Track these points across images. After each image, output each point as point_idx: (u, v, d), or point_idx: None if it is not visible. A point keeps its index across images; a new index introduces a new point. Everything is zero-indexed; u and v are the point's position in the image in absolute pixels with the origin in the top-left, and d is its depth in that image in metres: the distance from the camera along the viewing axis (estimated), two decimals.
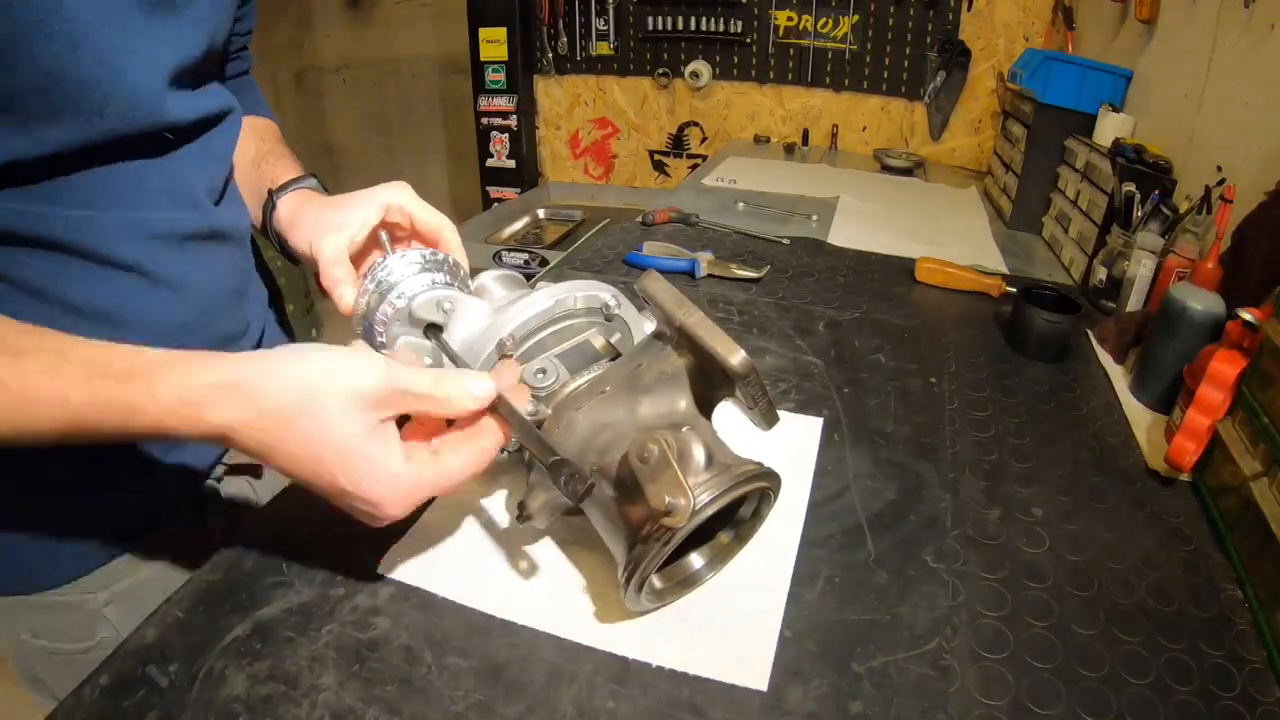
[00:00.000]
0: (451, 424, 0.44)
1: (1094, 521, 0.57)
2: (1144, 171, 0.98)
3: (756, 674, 0.43)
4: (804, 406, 0.70)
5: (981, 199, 1.56)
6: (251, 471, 0.65)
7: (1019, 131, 1.38)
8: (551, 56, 2.30)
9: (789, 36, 2.05)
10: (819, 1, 1.98)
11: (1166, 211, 0.91)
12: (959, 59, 1.91)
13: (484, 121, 2.38)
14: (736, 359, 0.43)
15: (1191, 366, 0.64)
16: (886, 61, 1.99)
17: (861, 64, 2.02)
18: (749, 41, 2.09)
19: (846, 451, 0.64)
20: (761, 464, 0.44)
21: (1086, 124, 1.23)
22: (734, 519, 0.49)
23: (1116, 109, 1.22)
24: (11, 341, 0.36)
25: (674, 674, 0.43)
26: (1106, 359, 0.83)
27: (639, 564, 0.41)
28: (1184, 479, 0.62)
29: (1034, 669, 0.44)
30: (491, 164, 2.43)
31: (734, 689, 0.42)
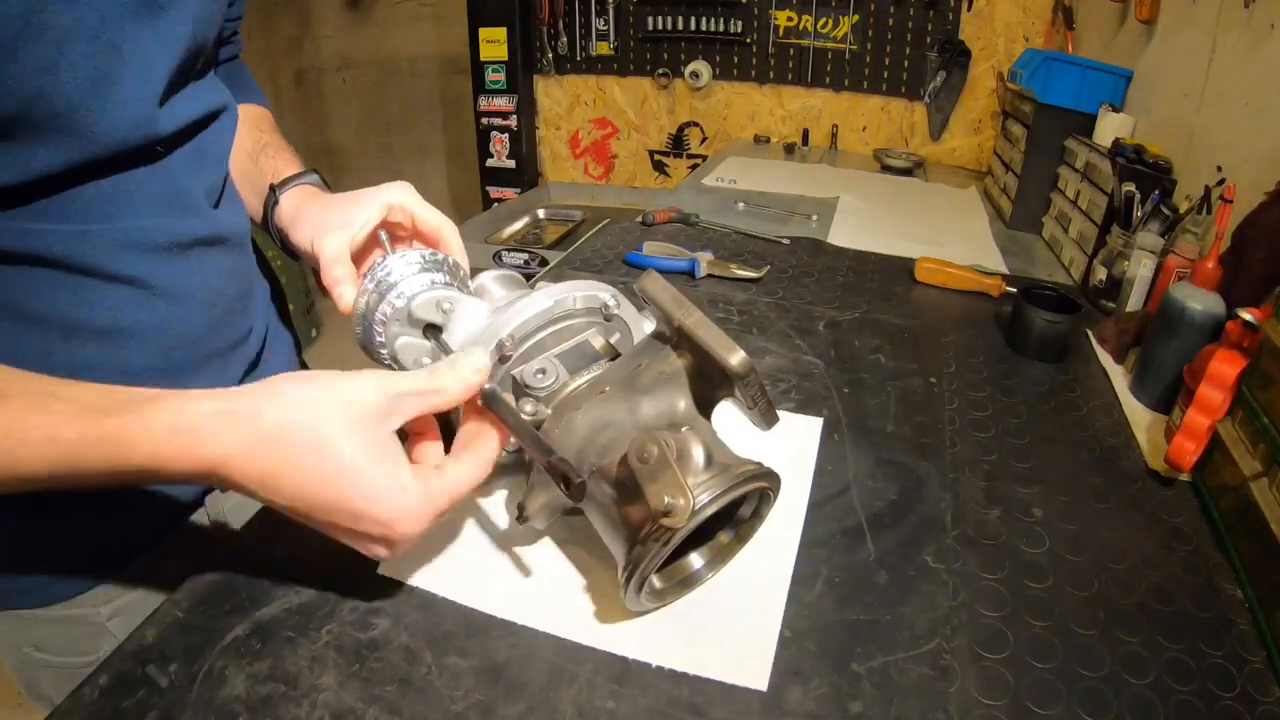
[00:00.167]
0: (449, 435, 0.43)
1: (1094, 521, 0.57)
2: (1144, 171, 0.98)
3: (756, 674, 0.43)
4: (804, 406, 0.70)
5: (981, 199, 1.56)
6: None
7: (1019, 131, 1.38)
8: (551, 56, 2.30)
9: (789, 36, 2.05)
10: (819, 1, 1.98)
11: (1166, 211, 0.91)
12: (959, 59, 1.91)
13: (484, 121, 2.38)
14: (736, 359, 0.43)
15: (1191, 366, 0.64)
16: (886, 61, 2.00)
17: (861, 64, 2.02)
18: (749, 41, 2.09)
19: (846, 451, 0.64)
20: (761, 464, 0.44)
21: (1086, 124, 1.23)
22: (734, 519, 0.49)
23: (1116, 109, 1.22)
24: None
25: (674, 674, 0.43)
26: (1106, 359, 0.83)
27: (639, 564, 0.41)
28: (1184, 479, 0.62)
29: (1034, 669, 0.44)
30: (491, 164, 2.43)
31: (734, 689, 0.42)
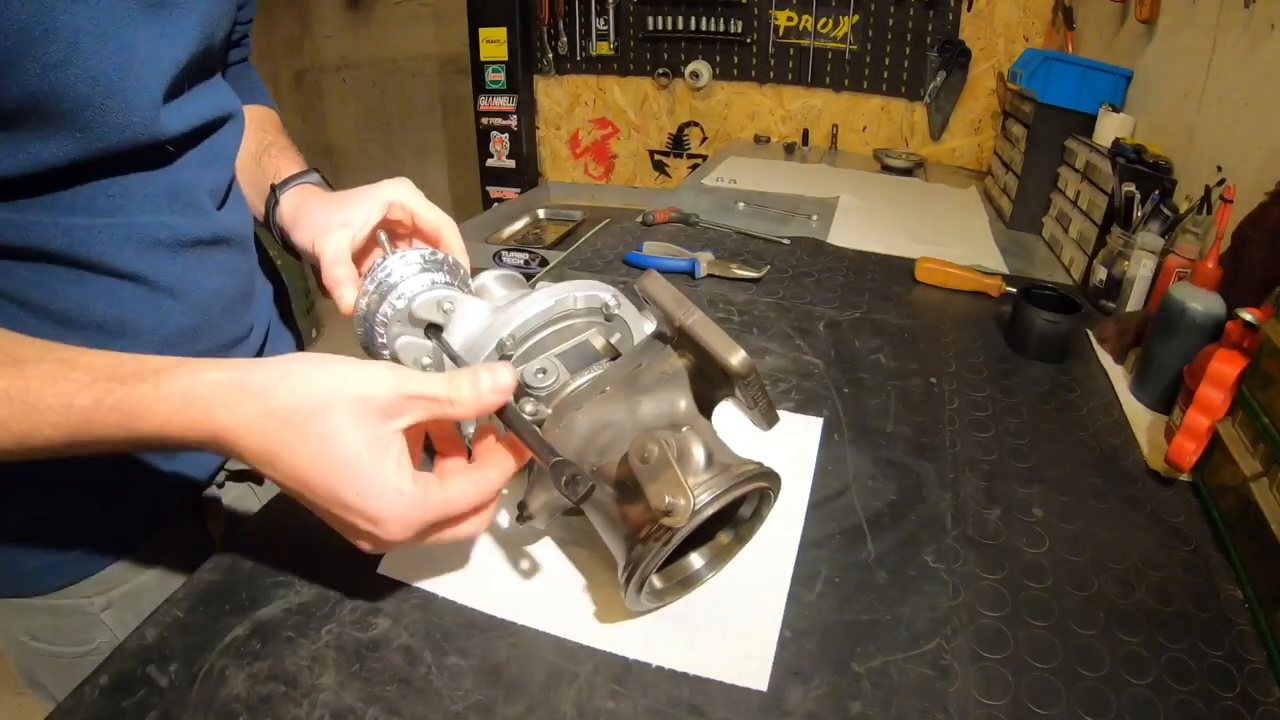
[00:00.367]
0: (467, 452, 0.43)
1: (1094, 521, 0.57)
2: (1144, 171, 0.98)
3: (756, 674, 0.43)
4: (804, 406, 0.70)
5: (981, 199, 1.56)
6: (254, 478, 0.65)
7: (1019, 131, 1.38)
8: (551, 56, 2.30)
9: (789, 36, 2.05)
10: (819, 1, 1.98)
11: (1166, 211, 0.91)
12: (959, 59, 1.91)
13: (484, 121, 2.38)
14: (736, 359, 0.43)
15: (1191, 366, 0.64)
16: (886, 61, 1.99)
17: (861, 64, 2.02)
18: (749, 41, 2.09)
19: (846, 451, 0.64)
20: (761, 464, 0.44)
21: (1086, 124, 1.23)
22: (734, 519, 0.49)
23: (1116, 109, 1.22)
24: (13, 352, 0.35)
25: (674, 674, 0.43)
26: (1106, 359, 0.83)
27: (639, 564, 0.40)
28: (1184, 479, 0.62)
29: (1034, 669, 0.44)
30: (491, 164, 2.43)
31: (734, 689, 0.42)
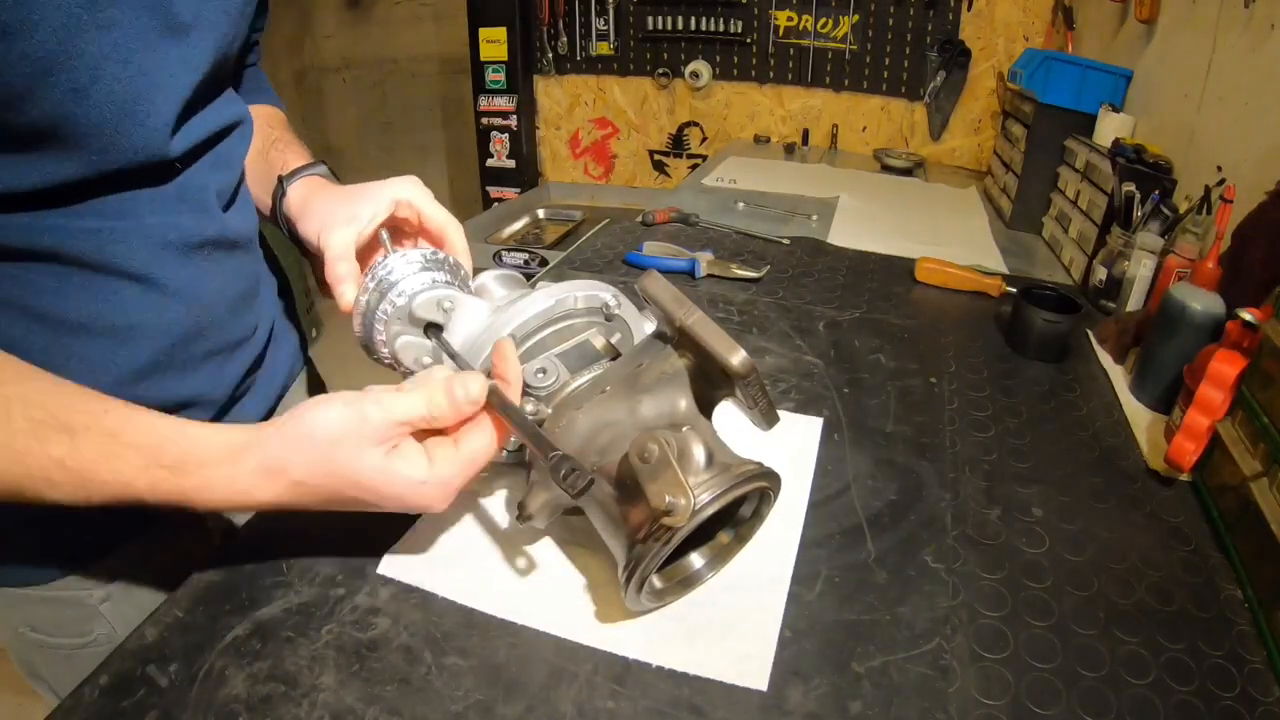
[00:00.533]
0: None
1: (1094, 521, 0.57)
2: (1144, 171, 0.98)
3: (756, 674, 0.43)
4: (804, 406, 0.70)
5: (981, 199, 1.56)
6: None
7: (1019, 131, 1.38)
8: (551, 56, 2.30)
9: (789, 36, 2.05)
10: (819, 1, 1.98)
11: (1166, 211, 0.91)
12: (959, 59, 1.91)
13: (484, 121, 2.38)
14: (737, 359, 0.43)
15: (1191, 366, 0.64)
16: (886, 61, 1.99)
17: (861, 64, 2.02)
18: (749, 41, 2.09)
19: (846, 451, 0.64)
20: (761, 464, 0.44)
21: (1086, 124, 1.23)
22: (734, 519, 0.49)
23: (1116, 109, 1.22)
24: (58, 415, 0.38)
25: (674, 674, 0.43)
26: (1106, 359, 0.83)
27: (639, 564, 0.41)
28: (1184, 479, 0.62)
29: (1034, 669, 0.44)
30: (491, 164, 2.43)
31: (734, 689, 0.42)
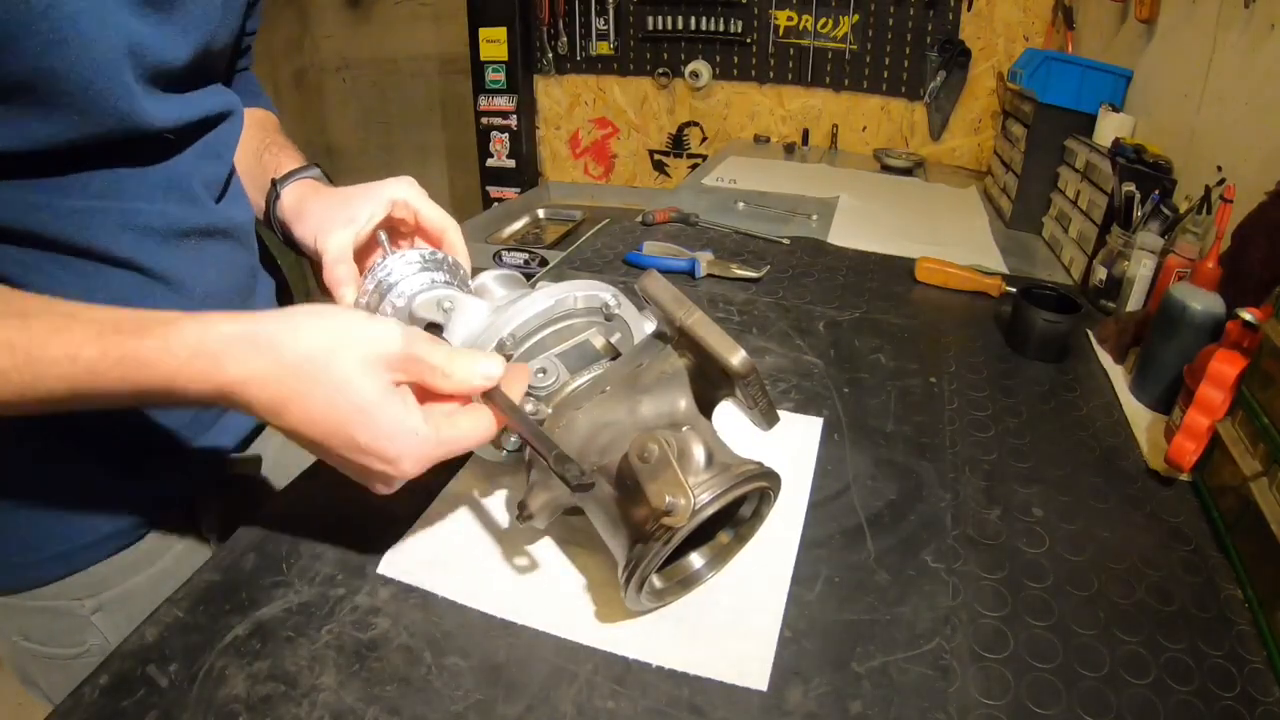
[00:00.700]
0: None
1: (1094, 521, 0.57)
2: (1144, 171, 0.98)
3: (756, 674, 0.43)
4: (804, 406, 0.70)
5: (981, 199, 1.56)
6: (247, 480, 0.64)
7: (1019, 131, 1.38)
8: (551, 56, 2.30)
9: (789, 36, 2.05)
10: (819, 1, 1.98)
11: (1166, 211, 0.91)
12: (959, 59, 1.91)
13: (484, 121, 2.38)
14: (736, 359, 0.43)
15: (1191, 366, 0.64)
16: (886, 61, 1.99)
17: (861, 64, 2.02)
18: (749, 41, 2.09)
19: (846, 451, 0.64)
20: (761, 464, 0.44)
21: (1086, 124, 1.23)
22: (734, 519, 0.49)
23: (1116, 109, 1.22)
24: (18, 305, 0.35)
25: (674, 674, 0.43)
26: (1106, 359, 0.83)
27: (639, 564, 0.41)
28: (1184, 479, 0.62)
29: (1034, 669, 0.44)
30: (491, 164, 2.43)
31: (734, 689, 0.42)
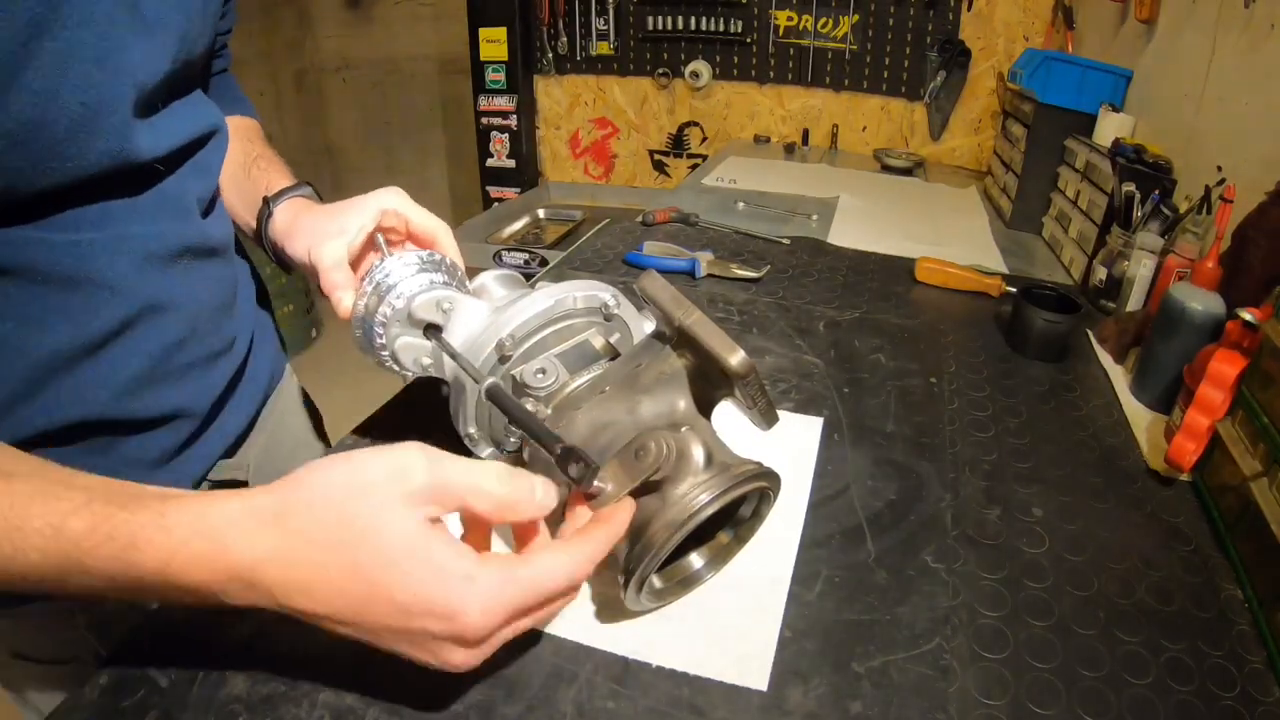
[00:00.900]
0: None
1: (1094, 521, 0.57)
2: (1144, 171, 0.98)
3: (756, 674, 0.43)
4: (804, 406, 0.70)
5: (981, 199, 1.56)
6: (243, 484, 0.64)
7: (1019, 131, 1.38)
8: (551, 56, 2.30)
9: (789, 36, 2.05)
10: (819, 1, 1.98)
11: (1166, 211, 0.91)
12: (959, 59, 1.91)
13: (484, 121, 2.38)
14: (736, 359, 0.43)
15: (1191, 366, 0.64)
16: (886, 61, 1.99)
17: (861, 64, 2.02)
18: (749, 41, 2.09)
19: (846, 451, 0.64)
20: (761, 464, 0.44)
21: (1086, 124, 1.23)
22: (734, 519, 0.49)
23: (1116, 109, 1.22)
24: (4, 464, 0.32)
25: (674, 674, 0.43)
26: (1106, 359, 0.83)
27: (639, 563, 0.41)
28: (1184, 479, 0.62)
29: (1034, 669, 0.44)
30: (491, 164, 2.43)
31: (734, 689, 0.42)
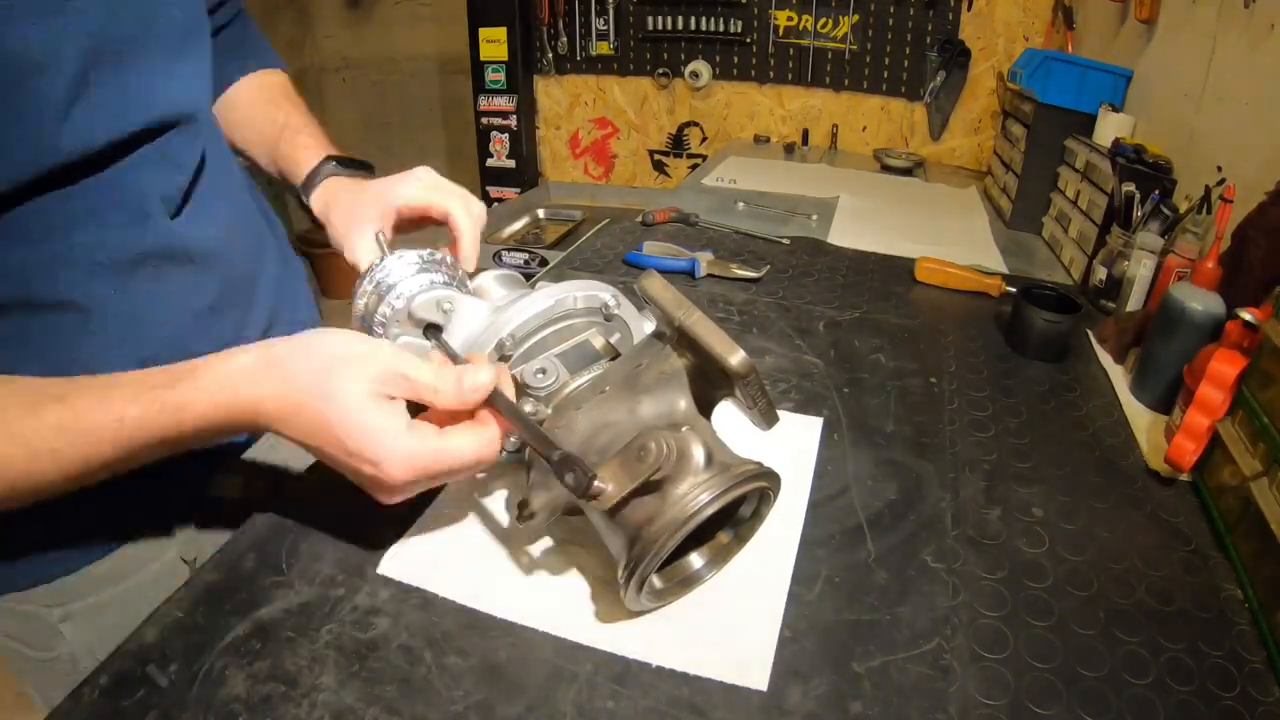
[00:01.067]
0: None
1: (1094, 521, 0.57)
2: (1144, 171, 0.98)
3: (756, 674, 0.43)
4: (804, 406, 0.70)
5: (981, 199, 1.56)
6: (234, 499, 0.63)
7: (1019, 131, 1.38)
8: (551, 56, 2.30)
9: (789, 36, 2.05)
10: (819, 1, 1.98)
11: (1166, 211, 0.91)
12: (959, 59, 1.91)
13: (484, 121, 2.38)
14: (736, 359, 0.43)
15: (1191, 366, 0.64)
16: (886, 61, 1.99)
17: (861, 64, 2.02)
18: (749, 41, 2.09)
19: (846, 451, 0.64)
20: (761, 464, 0.44)
21: (1086, 124, 1.23)
22: (734, 519, 0.49)
23: (1116, 109, 1.22)
24: (52, 390, 0.38)
25: (674, 674, 0.43)
26: (1106, 359, 0.83)
27: (639, 563, 0.41)
28: (1184, 479, 0.62)
29: (1034, 669, 0.44)
30: (491, 164, 2.43)
31: (734, 689, 0.42)
